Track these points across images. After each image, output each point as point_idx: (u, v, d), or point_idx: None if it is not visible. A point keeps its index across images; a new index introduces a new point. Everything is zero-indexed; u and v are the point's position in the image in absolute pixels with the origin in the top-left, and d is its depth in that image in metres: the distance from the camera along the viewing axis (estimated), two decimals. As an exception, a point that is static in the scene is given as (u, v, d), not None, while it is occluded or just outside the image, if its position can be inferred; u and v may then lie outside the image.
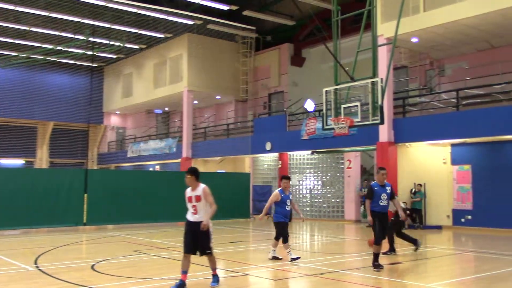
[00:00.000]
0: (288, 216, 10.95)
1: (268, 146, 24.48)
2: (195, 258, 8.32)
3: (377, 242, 9.70)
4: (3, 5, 24.43)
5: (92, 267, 10.08)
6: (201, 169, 31.06)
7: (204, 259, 8.26)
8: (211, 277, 8.21)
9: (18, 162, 35.25)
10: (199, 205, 7.97)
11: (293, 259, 10.55)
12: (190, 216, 8.09)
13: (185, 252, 8.03)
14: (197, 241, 7.95)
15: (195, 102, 32.10)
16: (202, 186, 8.03)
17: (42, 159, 35.94)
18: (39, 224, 18.07)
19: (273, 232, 11.15)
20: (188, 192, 8.09)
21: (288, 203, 10.74)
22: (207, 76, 29.51)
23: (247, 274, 9.49)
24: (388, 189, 9.94)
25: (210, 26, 27.25)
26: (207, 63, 29.51)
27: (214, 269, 8.24)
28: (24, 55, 29.31)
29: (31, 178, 17.98)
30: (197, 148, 28.96)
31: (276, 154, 25.18)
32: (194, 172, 8.05)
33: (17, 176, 18.17)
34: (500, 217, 17.30)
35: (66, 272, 9.47)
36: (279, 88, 29.11)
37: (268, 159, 26.41)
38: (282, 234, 10.73)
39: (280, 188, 10.83)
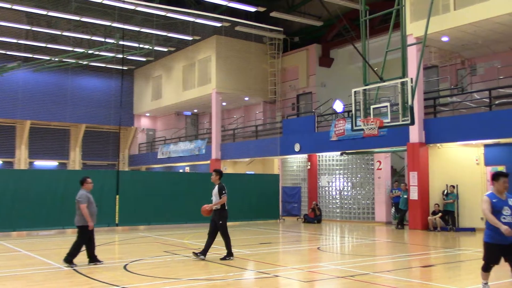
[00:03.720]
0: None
1: (297, 147, 24.44)
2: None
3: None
4: (36, 10, 25.09)
5: (125, 267, 10.27)
6: (231, 170, 31.34)
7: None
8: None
9: (52, 164, 36.03)
10: None
11: None
12: None
13: None
14: None
15: (224, 103, 32.29)
16: None
17: (75, 161, 36.66)
18: (73, 225, 18.39)
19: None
20: None
21: (507, 212, 7.47)
22: (235, 78, 29.66)
23: (277, 276, 9.51)
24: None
25: (237, 28, 27.37)
26: (235, 65, 29.67)
27: None
28: (56, 59, 29.97)
29: (64, 180, 18.29)
30: (226, 149, 29.13)
31: (305, 155, 25.13)
32: None
33: (51, 177, 18.57)
34: (535, 219, 16.85)
35: (100, 272, 9.66)
36: (307, 89, 29.04)
37: (297, 160, 26.37)
38: (489, 260, 7.74)
39: (491, 192, 7.78)
